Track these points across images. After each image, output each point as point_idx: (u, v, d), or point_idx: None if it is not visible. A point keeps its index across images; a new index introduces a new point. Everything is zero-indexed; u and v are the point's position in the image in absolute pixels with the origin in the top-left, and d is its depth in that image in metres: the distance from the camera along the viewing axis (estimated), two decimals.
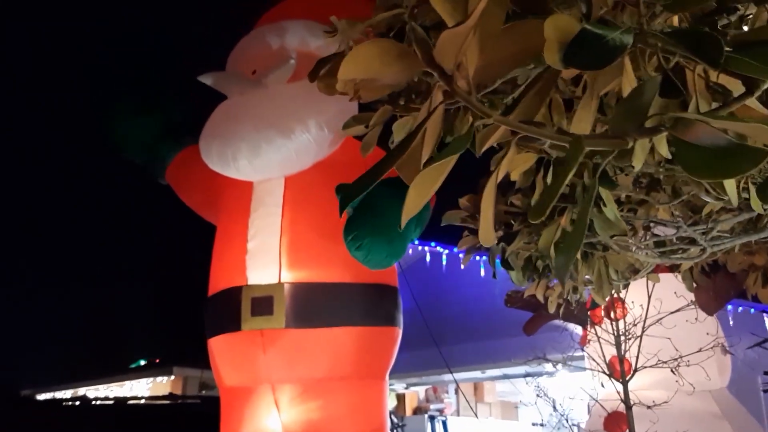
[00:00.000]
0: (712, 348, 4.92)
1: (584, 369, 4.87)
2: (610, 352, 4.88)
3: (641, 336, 4.21)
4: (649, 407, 4.10)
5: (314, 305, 3.98)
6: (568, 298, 2.93)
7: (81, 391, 16.44)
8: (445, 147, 0.88)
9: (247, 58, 4.42)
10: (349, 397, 4.05)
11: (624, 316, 4.74)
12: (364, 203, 3.78)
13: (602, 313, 5.74)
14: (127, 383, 15.57)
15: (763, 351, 5.56)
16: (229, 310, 4.05)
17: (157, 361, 18.64)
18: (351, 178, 3.32)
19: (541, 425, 15.70)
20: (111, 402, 6.59)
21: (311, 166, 4.18)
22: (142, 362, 19.94)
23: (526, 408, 15.95)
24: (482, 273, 11.80)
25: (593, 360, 5.04)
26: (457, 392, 14.47)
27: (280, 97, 4.08)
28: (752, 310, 7.91)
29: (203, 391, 13.38)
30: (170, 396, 7.56)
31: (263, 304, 3.95)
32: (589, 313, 6.13)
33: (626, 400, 4.10)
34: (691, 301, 5.05)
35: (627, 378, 4.12)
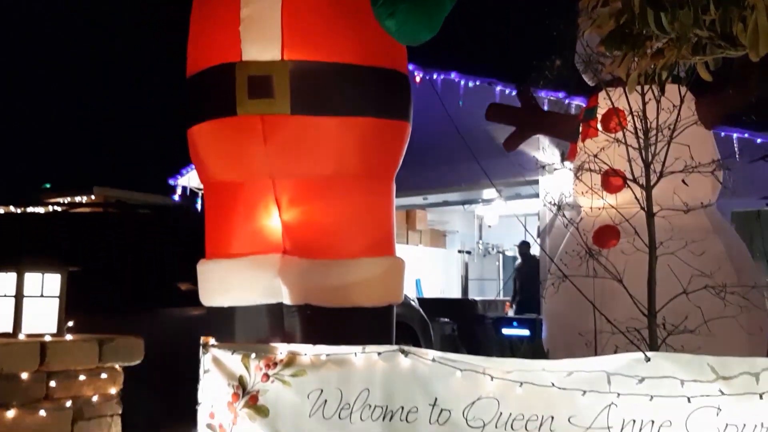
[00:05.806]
0: (715, 162, 4.72)
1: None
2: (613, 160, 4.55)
3: (670, 140, 3.90)
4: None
5: (323, 89, 3.37)
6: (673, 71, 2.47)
7: None
8: None
9: None
10: (356, 198, 3.58)
11: (624, 127, 4.36)
12: None
13: (598, 124, 5.42)
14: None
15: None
16: (220, 91, 3.38)
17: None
18: None
19: (468, 253, 16.21)
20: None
21: None
22: (48, 186, 18.78)
23: (452, 236, 16.30)
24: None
25: (590, 171, 4.74)
26: None
27: None
28: (759, 140, 7.47)
29: None
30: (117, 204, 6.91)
31: (262, 84, 3.31)
32: (581, 125, 5.82)
33: (649, 208, 3.84)
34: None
35: (652, 183, 3.83)
